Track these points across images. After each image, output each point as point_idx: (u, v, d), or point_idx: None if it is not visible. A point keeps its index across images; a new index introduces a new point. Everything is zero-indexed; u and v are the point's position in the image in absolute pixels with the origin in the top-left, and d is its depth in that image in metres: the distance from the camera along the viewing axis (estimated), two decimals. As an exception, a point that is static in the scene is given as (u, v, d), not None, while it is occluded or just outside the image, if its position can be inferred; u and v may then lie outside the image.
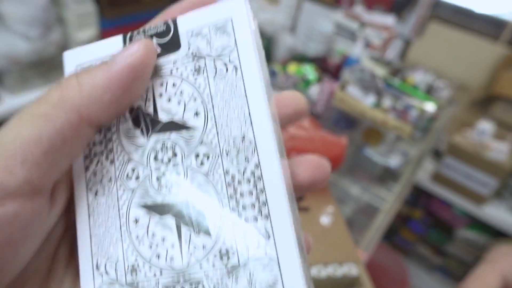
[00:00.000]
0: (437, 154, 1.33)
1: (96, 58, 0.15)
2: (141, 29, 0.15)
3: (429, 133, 0.94)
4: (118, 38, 0.15)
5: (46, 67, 1.27)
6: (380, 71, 0.89)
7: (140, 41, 0.14)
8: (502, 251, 0.37)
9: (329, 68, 1.02)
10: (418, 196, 1.42)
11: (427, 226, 1.43)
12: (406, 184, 0.90)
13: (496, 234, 1.28)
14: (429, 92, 0.98)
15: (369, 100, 0.81)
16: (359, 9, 1.09)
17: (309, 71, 0.97)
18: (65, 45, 1.27)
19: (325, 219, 0.56)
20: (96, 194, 0.14)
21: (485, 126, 1.18)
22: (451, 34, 1.42)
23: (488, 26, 1.37)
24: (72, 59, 0.16)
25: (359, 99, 0.82)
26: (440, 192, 1.30)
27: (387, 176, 0.86)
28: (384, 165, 0.82)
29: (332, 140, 0.62)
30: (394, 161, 0.84)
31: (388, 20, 1.04)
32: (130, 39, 0.15)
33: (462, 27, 1.40)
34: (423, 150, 0.92)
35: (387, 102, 0.81)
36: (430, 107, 0.83)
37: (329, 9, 1.37)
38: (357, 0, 1.28)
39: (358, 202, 0.80)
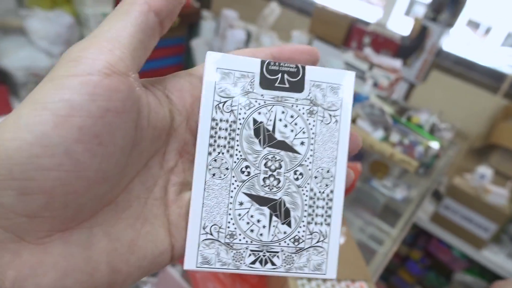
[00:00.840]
0: (437, 195, 1.36)
1: (235, 68, 0.19)
2: (276, 62, 0.19)
3: (432, 171, 0.98)
4: (257, 61, 0.19)
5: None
6: (388, 109, 0.94)
7: None
8: (500, 284, 0.38)
9: (339, 102, 1.06)
10: (417, 236, 1.42)
11: (425, 268, 1.43)
12: (408, 221, 0.92)
13: (493, 279, 1.28)
14: (432, 132, 1.02)
15: (378, 134, 0.85)
16: (368, 51, 1.16)
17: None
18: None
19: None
20: (213, 175, 0.18)
21: (485, 171, 1.21)
22: (452, 83, 1.50)
23: (488, 78, 1.45)
24: (214, 61, 0.19)
25: (369, 133, 0.85)
26: (439, 233, 1.31)
27: (390, 212, 0.88)
28: (391, 196, 0.84)
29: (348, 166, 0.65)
30: (399, 194, 0.86)
31: (396, 63, 1.11)
32: (267, 66, 0.19)
33: (463, 77, 1.49)
34: (426, 187, 0.95)
35: (395, 137, 0.84)
36: (434, 145, 0.87)
37: (337, 49, 1.45)
38: (366, 43, 1.36)
39: (359, 236, 0.81)
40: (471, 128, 1.44)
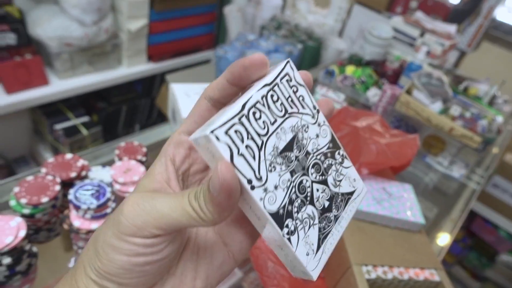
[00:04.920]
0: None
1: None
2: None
3: (491, 147, 0.90)
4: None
5: (95, 54, 1.28)
6: (446, 79, 0.86)
7: None
8: None
9: (387, 72, 0.99)
10: (459, 214, 1.36)
11: (466, 248, 1.37)
12: (467, 203, 0.86)
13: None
14: (491, 105, 0.94)
15: (436, 106, 0.78)
16: (419, 15, 1.06)
17: (367, 74, 0.95)
18: (115, 34, 1.28)
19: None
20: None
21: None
22: (504, 54, 1.38)
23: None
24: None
25: (426, 105, 0.78)
26: (485, 212, 1.24)
27: (441, 193, 0.82)
28: (447, 174, 0.78)
29: (406, 141, 0.59)
30: (457, 172, 0.80)
31: (451, 28, 1.01)
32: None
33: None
34: (488, 164, 0.88)
35: (455, 109, 0.77)
36: (499, 118, 0.79)
37: (379, 15, 1.34)
38: (412, 8, 1.25)
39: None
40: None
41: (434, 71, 0.81)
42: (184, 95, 0.64)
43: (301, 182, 0.21)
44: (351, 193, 0.24)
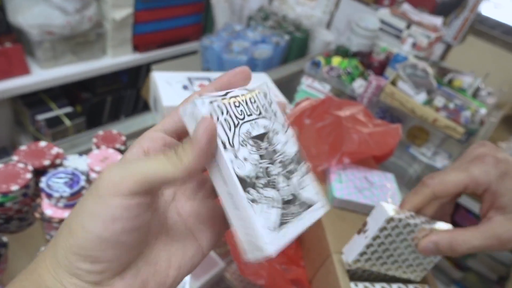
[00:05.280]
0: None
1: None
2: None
3: (474, 139, 0.91)
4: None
5: (78, 43, 1.25)
6: (430, 70, 0.86)
7: None
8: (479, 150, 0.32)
9: (373, 63, 0.99)
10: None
11: (450, 238, 1.39)
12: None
13: (523, 252, 1.24)
14: (475, 97, 0.94)
15: (421, 97, 0.78)
16: (406, 7, 1.06)
17: (353, 65, 0.94)
18: (99, 23, 1.25)
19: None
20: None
21: (523, 139, 1.14)
22: (489, 48, 1.39)
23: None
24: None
25: (410, 96, 0.78)
26: (468, 203, 1.26)
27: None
28: (430, 165, 0.78)
29: (389, 130, 0.59)
30: (440, 163, 0.80)
31: (437, 21, 1.01)
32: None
33: (501, 42, 1.37)
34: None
35: (439, 100, 0.77)
36: (482, 110, 0.80)
37: (367, 7, 1.34)
38: (400, 0, 1.25)
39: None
40: (506, 96, 1.35)
41: (419, 63, 0.81)
42: (166, 83, 0.63)
43: (268, 168, 0.22)
44: (313, 203, 0.24)
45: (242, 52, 1.10)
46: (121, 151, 0.52)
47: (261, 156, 0.22)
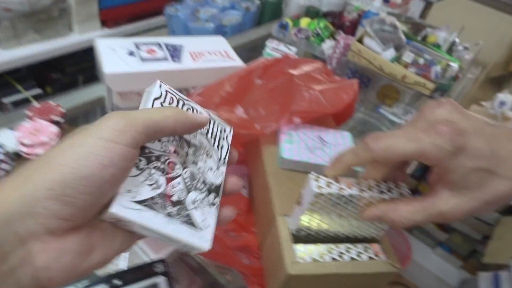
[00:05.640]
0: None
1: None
2: None
3: (448, 96, 0.88)
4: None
5: (41, 20, 1.19)
6: (401, 26, 0.82)
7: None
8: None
9: (345, 23, 0.94)
10: (426, 169, 1.36)
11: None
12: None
13: (507, 211, 1.23)
14: (451, 52, 0.90)
15: (389, 53, 0.74)
16: (378, -38, 1.00)
17: (322, 26, 0.90)
18: (61, -3, 1.18)
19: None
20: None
21: (506, 97, 1.10)
22: (471, 4, 1.34)
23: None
24: None
25: (378, 53, 0.75)
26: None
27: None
28: (401, 124, 0.76)
29: (343, 86, 0.55)
30: (411, 122, 0.77)
31: (411, -27, 0.96)
32: None
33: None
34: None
35: (408, 56, 0.74)
36: (453, 64, 0.76)
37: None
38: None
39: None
40: (489, 56, 1.30)
41: (387, 17, 0.76)
42: (109, 50, 0.59)
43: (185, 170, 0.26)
44: (197, 232, 0.25)
45: (209, 19, 1.05)
46: (57, 123, 0.49)
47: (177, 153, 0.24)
